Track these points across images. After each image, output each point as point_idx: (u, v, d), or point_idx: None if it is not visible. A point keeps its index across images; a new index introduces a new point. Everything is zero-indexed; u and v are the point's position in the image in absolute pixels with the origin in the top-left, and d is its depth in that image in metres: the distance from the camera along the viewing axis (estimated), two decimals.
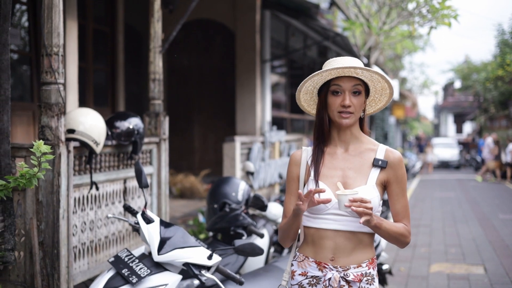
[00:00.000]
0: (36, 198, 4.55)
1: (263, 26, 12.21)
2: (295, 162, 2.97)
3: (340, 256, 2.80)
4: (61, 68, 4.56)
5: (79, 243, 5.02)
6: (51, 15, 4.54)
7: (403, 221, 2.88)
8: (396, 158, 2.87)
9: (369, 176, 2.82)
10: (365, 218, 2.60)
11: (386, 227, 2.75)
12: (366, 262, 2.83)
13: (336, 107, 2.81)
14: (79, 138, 4.87)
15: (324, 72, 2.81)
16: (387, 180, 2.85)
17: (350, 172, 2.83)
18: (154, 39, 6.33)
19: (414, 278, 8.04)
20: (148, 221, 3.99)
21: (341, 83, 2.80)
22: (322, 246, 2.83)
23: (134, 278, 3.74)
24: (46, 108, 4.52)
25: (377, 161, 2.83)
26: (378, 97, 2.97)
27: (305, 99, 3.02)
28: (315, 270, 2.84)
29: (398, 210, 2.89)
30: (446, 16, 12.35)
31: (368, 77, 2.84)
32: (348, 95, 2.79)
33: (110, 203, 5.49)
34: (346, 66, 2.77)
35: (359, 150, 2.89)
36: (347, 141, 2.89)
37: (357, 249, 2.81)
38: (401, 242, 2.86)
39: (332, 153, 2.90)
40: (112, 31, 10.72)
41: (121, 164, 5.69)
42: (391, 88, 2.91)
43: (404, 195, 2.89)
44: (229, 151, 9.07)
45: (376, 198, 2.78)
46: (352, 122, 2.83)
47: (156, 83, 6.36)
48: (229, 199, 5.38)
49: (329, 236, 2.81)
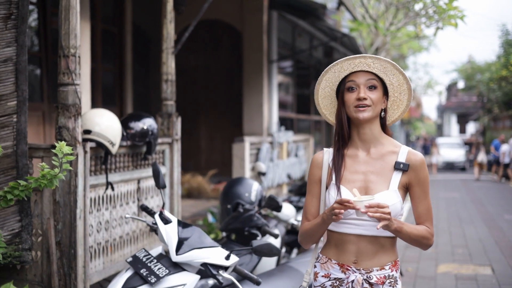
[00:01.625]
0: (53, 198, 4.59)
1: (270, 27, 12.24)
2: (316, 165, 2.96)
3: (363, 259, 2.81)
4: (78, 69, 4.60)
5: (94, 243, 5.06)
6: (68, 16, 4.58)
7: (425, 223, 2.88)
8: (418, 161, 2.85)
9: (391, 180, 2.82)
10: (382, 223, 2.60)
11: (407, 231, 2.75)
12: (389, 264, 2.83)
13: (352, 102, 2.81)
14: (95, 139, 4.90)
15: (334, 67, 2.85)
16: (409, 182, 2.85)
17: (372, 176, 2.83)
18: (167, 40, 6.36)
19: (422, 279, 8.06)
20: (165, 221, 4.02)
21: (355, 78, 2.82)
22: (345, 249, 2.84)
23: (153, 278, 3.77)
24: (63, 109, 4.56)
25: (398, 165, 2.82)
26: (398, 96, 2.95)
27: (324, 105, 3.01)
28: (338, 272, 2.85)
29: (420, 212, 2.89)
30: (452, 17, 12.34)
31: (381, 69, 2.84)
32: (363, 88, 2.80)
33: (125, 203, 5.53)
34: (356, 56, 2.81)
35: (381, 153, 2.87)
36: (368, 141, 2.88)
37: (379, 252, 2.82)
38: (423, 245, 2.87)
39: (353, 156, 2.89)
40: (120, 32, 10.76)
41: (135, 165, 5.73)
42: (408, 82, 2.90)
43: (426, 197, 2.88)
44: (238, 151, 9.10)
45: (398, 203, 2.78)
46: (370, 115, 2.81)
47: (169, 84, 6.39)
48: (242, 199, 5.41)
49: (351, 240, 2.82)
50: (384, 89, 2.89)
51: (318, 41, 15.22)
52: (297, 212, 6.96)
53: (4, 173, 4.44)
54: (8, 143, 4.46)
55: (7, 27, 4.48)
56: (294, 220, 6.30)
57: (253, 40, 11.93)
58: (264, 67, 11.84)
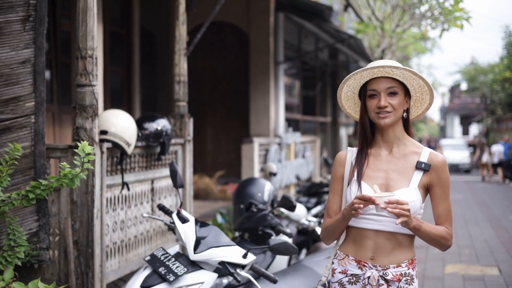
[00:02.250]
0: (70, 198, 4.65)
1: (276, 29, 12.29)
2: (340, 162, 3.02)
3: (380, 256, 2.85)
4: (95, 71, 4.66)
5: (110, 243, 5.12)
6: (85, 18, 4.64)
7: (444, 224, 2.91)
8: (439, 162, 2.90)
9: (412, 179, 2.86)
10: (402, 219, 2.64)
11: (426, 230, 2.78)
12: (405, 262, 2.86)
13: (373, 109, 2.86)
14: (112, 139, 4.96)
15: (355, 75, 2.89)
16: (430, 183, 2.89)
17: (393, 174, 2.88)
18: (179, 41, 6.42)
19: (430, 279, 8.09)
20: (183, 220, 4.07)
21: (376, 85, 2.86)
22: (362, 245, 2.88)
23: (171, 276, 3.82)
24: (80, 110, 4.62)
25: (420, 164, 2.86)
26: (420, 95, 2.99)
27: (349, 106, 3.07)
28: (355, 268, 2.90)
29: (440, 213, 2.92)
30: (458, 18, 12.40)
31: (400, 75, 2.87)
32: (383, 96, 2.84)
33: (139, 203, 5.59)
34: (375, 65, 2.83)
35: (403, 153, 2.92)
36: (391, 142, 2.93)
37: (396, 249, 2.85)
38: (442, 245, 2.89)
39: (376, 155, 2.94)
40: (128, 34, 10.82)
41: (149, 165, 5.79)
42: (428, 84, 2.93)
43: (447, 198, 2.92)
44: (247, 152, 9.15)
45: (417, 200, 2.82)
46: (391, 121, 2.86)
47: (181, 85, 6.46)
48: (255, 199, 5.46)
49: (369, 235, 2.86)
50: (406, 91, 2.93)
51: (324, 42, 15.27)
52: (307, 213, 7.01)
53: (22, 173, 4.50)
54: (26, 144, 4.52)
55: (25, 29, 4.55)
56: (305, 220, 6.35)
57: (259, 42, 11.99)
58: (270, 68, 11.89)
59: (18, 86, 4.51)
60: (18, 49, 4.52)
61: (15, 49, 4.50)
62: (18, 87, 4.51)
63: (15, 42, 4.50)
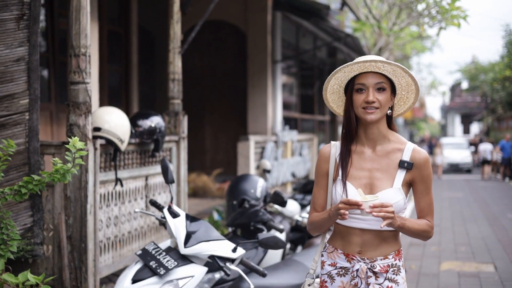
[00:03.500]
0: (64, 193, 4.72)
1: (274, 27, 12.35)
2: (324, 158, 3.04)
3: (367, 250, 2.91)
4: (89, 68, 4.72)
5: (104, 238, 5.18)
6: (79, 17, 4.70)
7: (426, 217, 2.97)
8: (422, 159, 2.93)
9: (396, 178, 2.90)
10: (386, 222, 2.69)
11: (409, 226, 2.84)
12: (392, 254, 2.92)
13: (360, 104, 2.86)
14: (105, 136, 5.03)
15: (345, 68, 2.88)
16: (412, 179, 2.93)
17: (377, 173, 2.91)
18: (174, 40, 6.48)
19: (425, 276, 8.14)
20: (174, 215, 4.14)
21: (364, 80, 2.86)
22: (350, 240, 2.94)
23: (162, 270, 3.89)
24: (74, 107, 4.69)
25: (403, 164, 2.90)
26: (405, 94, 3.01)
27: (332, 99, 3.08)
28: (343, 261, 2.96)
29: (422, 207, 2.98)
30: (455, 17, 12.42)
31: (390, 71, 2.89)
32: (372, 91, 2.85)
33: (133, 200, 5.65)
34: (367, 59, 2.84)
35: (386, 150, 2.94)
36: (375, 139, 2.95)
37: (383, 243, 2.91)
38: (424, 237, 2.96)
39: (359, 153, 2.96)
40: (126, 32, 10.88)
41: (143, 162, 5.85)
42: (416, 83, 2.95)
43: (429, 193, 2.97)
44: (243, 150, 9.21)
45: (401, 200, 2.86)
46: (377, 117, 2.87)
47: (176, 83, 6.51)
48: (248, 195, 5.52)
49: (356, 233, 2.92)
50: (392, 88, 2.95)
51: (322, 41, 15.32)
52: (302, 209, 7.07)
53: (16, 169, 4.57)
54: (20, 140, 4.59)
55: (19, 27, 4.61)
56: (298, 217, 6.40)
57: (257, 41, 12.05)
58: (268, 67, 11.95)
59: (13, 84, 4.58)
60: (12, 47, 4.58)
61: (9, 47, 4.57)
62: (13, 85, 4.58)
63: (9, 40, 4.57)
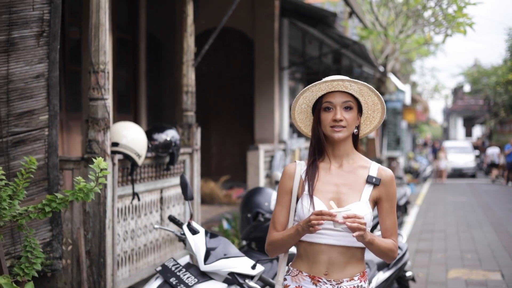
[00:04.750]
0: (83, 208, 4.77)
1: (281, 34, 12.40)
2: (289, 175, 3.02)
3: (334, 271, 2.89)
4: (107, 85, 4.78)
5: (121, 252, 5.24)
6: (98, 33, 4.76)
7: (391, 237, 2.98)
8: (388, 176, 2.97)
9: (363, 193, 2.91)
10: (359, 233, 2.69)
11: (378, 243, 2.85)
12: (358, 275, 2.93)
13: (328, 122, 2.88)
14: (123, 151, 5.08)
15: (313, 87, 2.90)
16: (379, 197, 2.95)
17: (344, 188, 2.92)
18: (187, 52, 6.53)
19: (433, 284, 8.17)
20: (193, 232, 4.19)
21: (332, 99, 2.88)
22: (316, 260, 2.91)
23: (183, 286, 3.95)
24: (93, 123, 4.74)
25: (371, 178, 2.92)
26: (371, 113, 3.04)
27: (300, 119, 3.08)
28: (309, 284, 2.92)
29: (387, 226, 2.99)
30: (461, 24, 12.48)
31: (357, 90, 2.91)
32: (339, 110, 2.87)
33: (149, 212, 5.71)
34: (334, 79, 2.86)
35: (353, 167, 2.97)
36: (341, 156, 2.97)
37: (350, 263, 2.91)
38: (390, 257, 2.96)
39: (326, 168, 2.97)
40: (134, 40, 10.94)
41: (158, 175, 5.91)
42: (382, 102, 2.98)
43: (393, 212, 2.99)
44: (253, 159, 9.26)
45: (369, 214, 2.87)
46: (345, 136, 2.90)
47: (189, 95, 6.57)
48: (262, 208, 5.57)
49: (323, 250, 2.89)
50: (359, 108, 2.97)
51: (328, 48, 15.37)
52: None
53: (36, 184, 4.62)
54: (40, 156, 4.65)
55: (39, 44, 4.67)
56: None
57: (264, 48, 12.09)
58: (275, 74, 11.99)
59: (32, 100, 4.64)
60: (32, 63, 4.64)
61: (29, 64, 4.63)
62: (32, 101, 4.64)
63: (29, 57, 4.63)
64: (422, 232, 12.53)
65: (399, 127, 25.25)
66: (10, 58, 4.57)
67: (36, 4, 4.62)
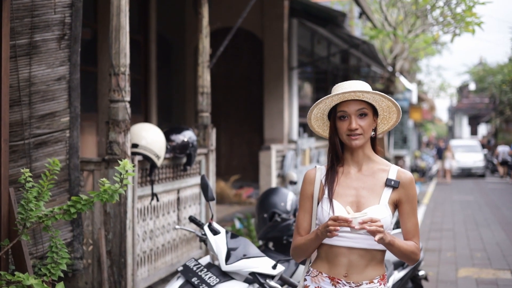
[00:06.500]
0: (104, 209, 4.83)
1: (290, 34, 12.44)
2: (309, 181, 3.06)
3: (354, 273, 2.91)
4: (128, 87, 4.84)
5: (141, 252, 5.30)
6: (118, 36, 4.82)
7: (413, 239, 3.00)
8: (407, 179, 2.98)
9: (382, 196, 2.93)
10: (378, 236, 2.71)
11: (399, 245, 2.86)
12: (377, 278, 2.94)
13: (344, 131, 2.92)
14: (142, 152, 5.14)
15: (326, 99, 2.94)
16: (398, 199, 2.97)
17: (363, 191, 2.94)
18: (203, 54, 6.58)
19: (443, 283, 8.19)
20: (214, 232, 4.25)
21: (346, 108, 2.92)
22: (336, 263, 2.93)
23: (205, 286, 4.00)
24: (114, 125, 4.80)
25: (389, 181, 2.94)
26: (387, 115, 3.08)
27: (318, 125, 3.12)
28: (328, 286, 2.95)
29: (409, 228, 3.01)
30: (470, 24, 12.48)
31: (370, 98, 2.95)
32: (354, 118, 2.90)
33: (166, 213, 5.77)
34: (346, 91, 2.89)
35: (372, 170, 2.99)
36: (360, 161, 3.00)
37: (369, 266, 2.93)
38: (412, 259, 2.97)
39: (346, 173, 3.00)
40: (145, 40, 11.00)
41: (175, 176, 5.97)
42: (396, 105, 3.01)
43: (414, 214, 3.01)
44: (265, 159, 9.31)
45: (388, 217, 2.90)
46: (362, 142, 2.93)
47: (205, 97, 6.62)
48: (278, 209, 5.61)
49: (343, 253, 2.91)
50: (374, 110, 3.01)
51: (336, 47, 15.40)
52: None
53: (57, 185, 4.69)
54: (61, 157, 4.71)
55: (60, 47, 4.74)
56: None
57: (273, 48, 12.13)
58: (284, 74, 12.03)
59: (54, 102, 4.70)
60: (54, 66, 4.71)
61: (51, 67, 4.69)
62: (54, 103, 4.70)
63: (51, 60, 4.69)
64: (431, 231, 12.56)
65: (405, 125, 25.27)
66: (32, 61, 4.64)
67: (58, 7, 4.68)
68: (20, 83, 4.57)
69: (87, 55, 9.14)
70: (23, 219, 3.87)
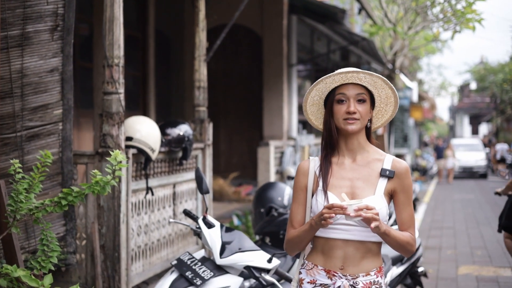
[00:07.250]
0: (97, 203, 4.77)
1: (290, 31, 12.39)
2: (302, 172, 2.99)
3: (350, 265, 2.85)
4: (121, 79, 4.78)
5: (135, 246, 5.24)
6: (112, 27, 4.76)
7: (409, 230, 2.92)
8: (402, 168, 2.92)
9: (377, 186, 2.87)
10: (374, 223, 2.65)
11: (394, 235, 2.80)
12: (374, 270, 2.88)
13: (341, 115, 2.85)
14: (137, 146, 5.08)
15: (327, 79, 2.87)
16: (394, 189, 2.91)
17: (358, 182, 2.88)
18: (199, 47, 6.52)
19: (443, 280, 8.15)
20: (209, 225, 4.18)
21: (345, 91, 2.85)
22: (331, 255, 2.87)
23: (198, 280, 3.93)
24: (107, 117, 4.74)
25: (384, 171, 2.88)
26: (384, 107, 3.01)
27: (311, 111, 3.04)
28: (324, 278, 2.88)
29: (404, 219, 2.94)
30: (470, 20, 12.43)
31: (371, 83, 2.89)
32: (353, 102, 2.84)
33: (162, 207, 5.71)
34: (349, 70, 2.84)
35: (367, 160, 2.93)
36: (355, 150, 2.93)
37: (366, 258, 2.87)
38: (407, 251, 2.90)
39: (340, 163, 2.93)
40: (143, 36, 10.94)
41: (171, 170, 5.91)
42: (395, 95, 2.96)
43: (410, 204, 2.94)
44: (263, 155, 9.25)
45: (384, 207, 2.84)
46: (358, 128, 2.87)
47: (201, 91, 6.56)
48: (275, 203, 5.55)
49: (338, 245, 2.85)
50: (371, 101, 2.95)
51: (336, 44, 15.35)
52: None
53: (50, 178, 4.62)
54: (54, 150, 4.65)
55: (53, 38, 4.67)
56: None
57: (273, 44, 12.08)
58: (284, 70, 11.98)
59: (47, 94, 4.64)
60: (46, 58, 4.64)
61: (43, 58, 4.63)
62: (47, 95, 4.64)
63: (44, 51, 4.62)
64: (431, 229, 12.51)
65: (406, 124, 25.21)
66: (24, 52, 4.57)
67: None
68: (12, 74, 4.50)
69: (84, 51, 9.10)
70: (13, 211, 3.79)
